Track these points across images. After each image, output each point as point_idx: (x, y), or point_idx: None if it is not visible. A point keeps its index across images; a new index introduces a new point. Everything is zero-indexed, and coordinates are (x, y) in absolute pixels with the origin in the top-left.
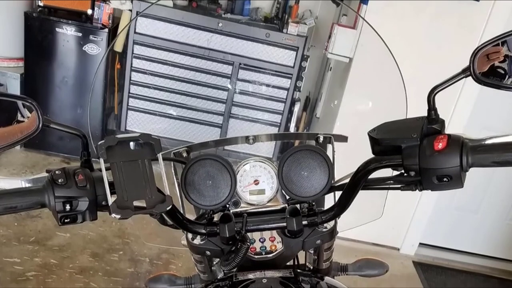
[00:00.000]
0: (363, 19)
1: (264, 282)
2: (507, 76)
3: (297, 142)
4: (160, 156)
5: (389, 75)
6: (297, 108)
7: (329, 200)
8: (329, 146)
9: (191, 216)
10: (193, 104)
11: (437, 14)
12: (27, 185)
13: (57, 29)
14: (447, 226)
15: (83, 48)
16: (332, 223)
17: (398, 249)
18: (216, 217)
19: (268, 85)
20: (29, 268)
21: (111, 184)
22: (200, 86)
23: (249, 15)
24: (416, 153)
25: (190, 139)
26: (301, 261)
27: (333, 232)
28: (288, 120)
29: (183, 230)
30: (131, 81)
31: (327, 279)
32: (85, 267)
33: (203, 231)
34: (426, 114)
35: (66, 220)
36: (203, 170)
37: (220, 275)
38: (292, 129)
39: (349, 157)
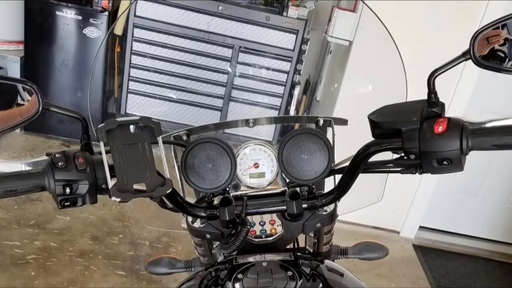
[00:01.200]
0: (363, 2)
1: (264, 265)
2: (507, 59)
3: (297, 125)
4: (160, 139)
5: (389, 58)
6: (297, 91)
7: (329, 183)
8: (329, 129)
9: (191, 199)
10: (193, 87)
11: None
12: (27, 168)
13: (57, 12)
14: (447, 209)
15: (83, 31)
16: (332, 206)
17: (398, 232)
18: (216, 200)
19: (268, 68)
20: (29, 251)
21: (111, 167)
22: (200, 69)
23: None
24: (416, 136)
25: (190, 122)
26: (301, 244)
27: (333, 215)
28: (288, 103)
29: (183, 213)
30: (131, 64)
31: (327, 262)
32: (85, 250)
33: (203, 214)
34: (426, 97)
35: (66, 203)
36: (203, 153)
37: (220, 258)
38: (292, 112)
39: (349, 140)
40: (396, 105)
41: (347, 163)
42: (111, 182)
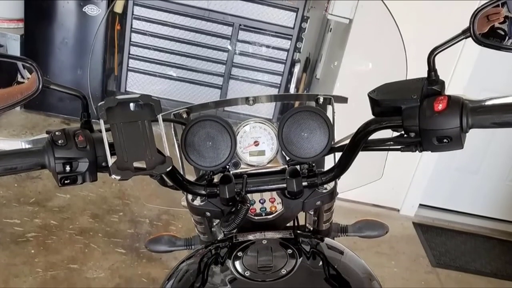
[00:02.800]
0: None
1: (264, 243)
2: (507, 37)
3: (297, 103)
4: (160, 117)
5: (389, 36)
6: (297, 69)
7: (329, 161)
8: (329, 107)
9: (191, 177)
10: (193, 65)
11: None
12: (27, 146)
13: None
14: (447, 187)
15: (83, 9)
16: (332, 184)
17: (398, 210)
18: (216, 178)
19: (268, 46)
20: (29, 229)
21: (111, 145)
22: (200, 47)
23: None
24: (416, 114)
25: (190, 100)
26: (301, 222)
27: (333, 193)
28: (288, 81)
29: (183, 191)
30: (131, 42)
31: (327, 240)
32: (85, 228)
33: (203, 192)
34: (426, 75)
35: (66, 181)
36: (203, 131)
37: (220, 236)
38: (292, 90)
39: (349, 118)
40: (396, 83)
41: (347, 141)
42: (111, 160)
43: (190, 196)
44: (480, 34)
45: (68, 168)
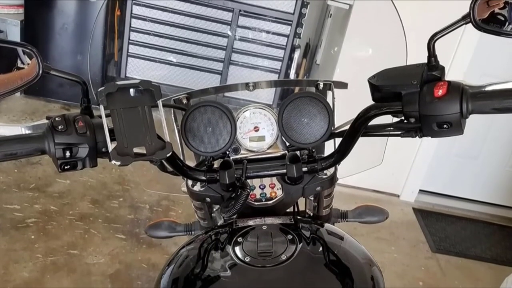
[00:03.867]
0: None
1: (264, 228)
2: (507, 23)
3: (297, 89)
4: (160, 102)
5: (389, 22)
6: (297, 54)
7: (329, 147)
8: (329, 93)
9: (191, 163)
10: (193, 50)
11: None
12: (27, 131)
13: None
14: (447, 172)
15: None
16: (332, 169)
17: (398, 196)
18: (216, 164)
19: (268, 32)
20: (29, 215)
21: (111, 131)
22: (200, 32)
23: None
24: (416, 100)
25: (190, 86)
26: (301, 208)
27: (333, 179)
28: (288, 66)
29: (183, 176)
30: (131, 28)
31: (327, 225)
32: (85, 213)
33: (203, 177)
34: (426, 61)
35: (66, 167)
36: (203, 116)
37: (220, 222)
38: (292, 75)
39: (349, 104)
40: (396, 69)
41: (347, 127)
42: (111, 146)
43: (190, 182)
44: (480, 20)
45: (68, 153)
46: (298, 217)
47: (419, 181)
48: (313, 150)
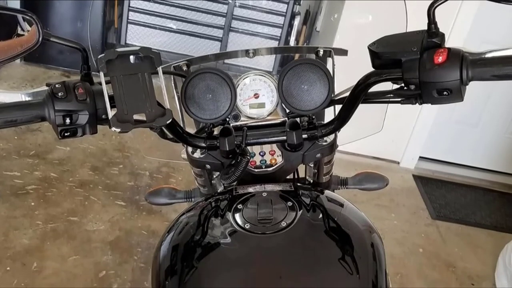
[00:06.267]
0: None
1: (264, 195)
2: None
3: (297, 56)
4: (160, 69)
5: None
6: (297, 21)
7: (329, 114)
8: (329, 60)
9: (191, 129)
10: (193, 17)
11: None
12: (27, 98)
13: None
14: (447, 139)
15: None
16: (332, 136)
17: (398, 163)
18: (216, 131)
19: None
20: (29, 182)
21: (111, 98)
22: None
23: None
24: (416, 67)
25: (190, 52)
26: (301, 174)
27: (333, 146)
28: (288, 33)
29: (183, 143)
30: None
31: (327, 192)
32: (85, 180)
33: (203, 144)
34: (426, 28)
35: (66, 134)
36: (203, 83)
37: (220, 189)
38: (292, 42)
39: (349, 71)
40: (396, 36)
41: (347, 94)
42: (111, 113)
43: (190, 149)
44: None
45: (68, 120)
46: (298, 184)
47: (419, 148)
48: (313, 117)
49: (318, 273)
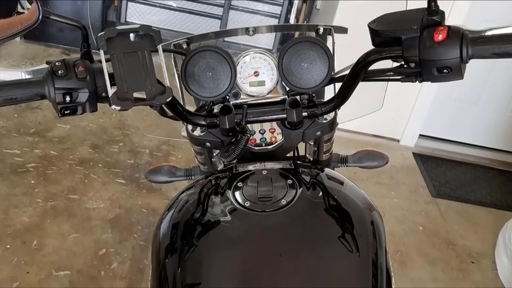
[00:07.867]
0: None
1: (264, 173)
2: None
3: (297, 34)
4: (160, 47)
5: None
6: None
7: (329, 92)
8: (329, 38)
9: (191, 107)
10: None
11: None
12: (27, 76)
13: None
14: (447, 117)
15: None
16: (332, 114)
17: (398, 141)
18: (216, 109)
19: None
20: (29, 160)
21: (111, 76)
22: None
23: None
24: (416, 45)
25: (190, 30)
26: (301, 152)
27: (333, 124)
28: (288, 11)
29: (183, 121)
30: None
31: (327, 170)
32: (85, 158)
33: (203, 122)
34: (426, 6)
35: (66, 112)
36: (203, 61)
37: (220, 167)
38: (292, 20)
39: (349, 49)
40: (396, 13)
41: (347, 72)
42: (111, 91)
43: (190, 127)
44: None
45: (68, 98)
46: (298, 162)
47: (419, 126)
48: (313, 95)
49: (318, 251)
